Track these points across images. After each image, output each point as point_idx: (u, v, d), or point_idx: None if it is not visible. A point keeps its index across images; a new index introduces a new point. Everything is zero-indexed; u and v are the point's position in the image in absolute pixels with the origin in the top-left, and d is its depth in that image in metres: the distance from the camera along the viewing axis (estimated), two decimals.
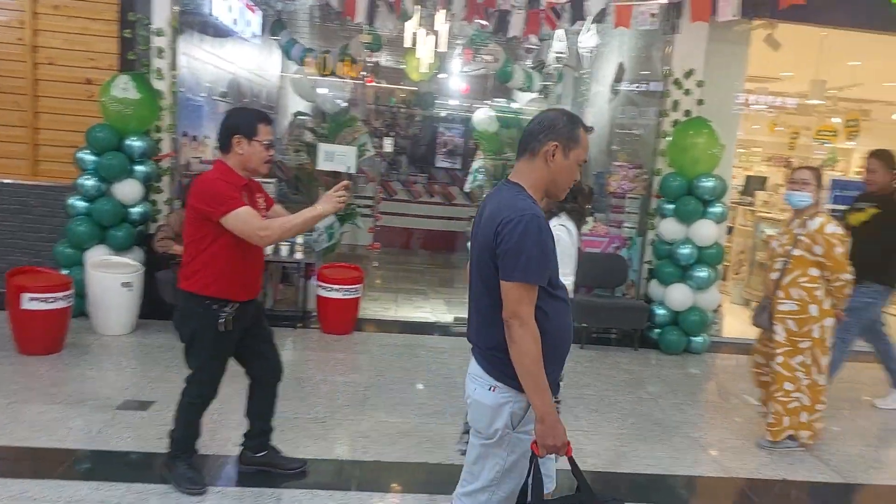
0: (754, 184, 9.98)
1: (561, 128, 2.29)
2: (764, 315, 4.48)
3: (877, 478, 4.30)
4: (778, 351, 4.38)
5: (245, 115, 3.34)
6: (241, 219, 3.14)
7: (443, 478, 3.81)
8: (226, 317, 3.27)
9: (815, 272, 4.26)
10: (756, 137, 13.07)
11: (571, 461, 2.30)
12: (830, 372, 5.34)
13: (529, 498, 2.25)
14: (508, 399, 2.28)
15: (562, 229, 3.23)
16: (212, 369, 3.39)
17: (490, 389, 2.31)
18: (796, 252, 4.29)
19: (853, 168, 13.39)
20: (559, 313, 2.31)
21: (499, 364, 2.28)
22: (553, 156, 2.28)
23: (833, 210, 6.29)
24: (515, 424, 2.30)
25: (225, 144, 3.27)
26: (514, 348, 2.18)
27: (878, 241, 4.97)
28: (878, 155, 5.22)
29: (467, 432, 3.49)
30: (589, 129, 2.38)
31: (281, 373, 3.68)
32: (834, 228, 4.22)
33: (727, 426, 4.91)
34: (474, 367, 2.41)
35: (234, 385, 3.71)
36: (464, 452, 3.47)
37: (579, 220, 3.47)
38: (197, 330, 3.30)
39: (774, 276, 4.42)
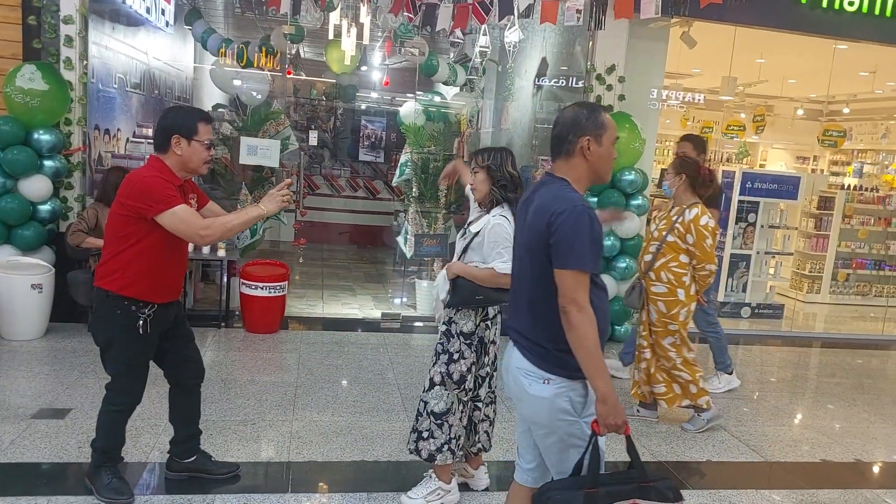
0: None
1: (585, 122, 2.39)
2: (633, 294, 4.68)
3: (791, 455, 4.54)
4: (654, 329, 4.62)
5: (185, 114, 3.20)
6: (180, 217, 3.01)
7: (379, 475, 3.79)
8: (145, 319, 3.13)
9: (684, 259, 4.48)
10: (668, 132, 13.54)
11: (629, 439, 2.38)
12: (723, 358, 5.57)
13: (584, 472, 2.32)
14: (563, 388, 2.35)
15: (502, 219, 3.28)
16: (133, 374, 3.24)
17: (544, 382, 2.37)
18: (670, 238, 4.49)
19: (759, 161, 14.08)
20: (601, 300, 2.40)
21: (546, 356, 2.36)
22: (589, 149, 2.39)
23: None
24: (580, 411, 2.37)
25: (162, 144, 3.12)
26: (573, 333, 2.24)
27: None
28: (688, 138, 5.43)
29: (414, 430, 3.45)
30: (608, 109, 2.44)
31: (202, 374, 3.55)
32: (707, 221, 4.43)
33: None
34: (520, 360, 2.43)
35: (157, 388, 3.57)
36: (413, 451, 3.44)
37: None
38: (115, 333, 3.15)
39: (647, 258, 4.62)
